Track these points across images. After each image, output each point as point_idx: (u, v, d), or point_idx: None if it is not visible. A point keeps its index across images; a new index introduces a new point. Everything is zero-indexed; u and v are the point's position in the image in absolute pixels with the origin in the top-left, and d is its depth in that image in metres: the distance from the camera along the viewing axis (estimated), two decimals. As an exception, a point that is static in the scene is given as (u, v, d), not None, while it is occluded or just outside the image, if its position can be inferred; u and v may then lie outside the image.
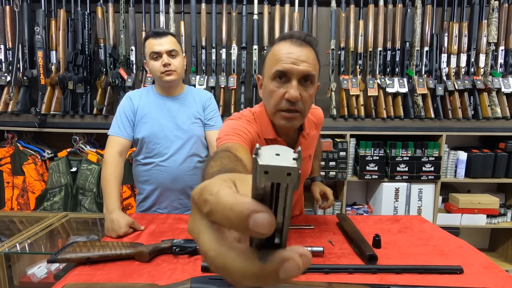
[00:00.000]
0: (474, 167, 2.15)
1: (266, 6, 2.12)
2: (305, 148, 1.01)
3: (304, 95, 0.82)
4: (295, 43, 0.81)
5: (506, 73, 2.16)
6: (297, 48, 0.80)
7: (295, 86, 0.80)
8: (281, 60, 0.80)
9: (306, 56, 0.80)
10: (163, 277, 0.78)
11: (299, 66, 0.79)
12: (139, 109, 1.30)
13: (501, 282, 0.75)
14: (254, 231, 0.20)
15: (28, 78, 2.10)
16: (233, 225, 0.20)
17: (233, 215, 0.20)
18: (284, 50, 0.81)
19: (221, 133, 0.85)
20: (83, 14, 2.11)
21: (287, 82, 0.81)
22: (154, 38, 1.26)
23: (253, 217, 0.20)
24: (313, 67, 0.82)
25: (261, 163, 0.20)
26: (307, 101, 0.83)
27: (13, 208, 2.14)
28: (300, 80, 0.81)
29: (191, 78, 2.10)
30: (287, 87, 0.81)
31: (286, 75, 0.80)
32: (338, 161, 2.11)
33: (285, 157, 0.21)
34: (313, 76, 0.82)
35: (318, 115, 1.07)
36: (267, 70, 0.85)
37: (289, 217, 0.22)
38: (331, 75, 2.17)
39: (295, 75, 0.80)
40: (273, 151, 0.22)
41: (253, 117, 0.93)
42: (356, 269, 0.78)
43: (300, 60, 0.79)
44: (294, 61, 0.79)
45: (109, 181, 1.16)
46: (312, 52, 0.83)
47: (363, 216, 1.26)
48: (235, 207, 0.20)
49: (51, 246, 1.30)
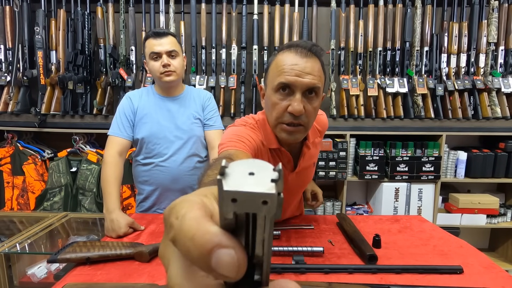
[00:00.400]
0: (474, 167, 2.15)
1: (266, 6, 2.12)
2: (308, 158, 0.98)
3: (308, 108, 0.78)
4: (300, 54, 0.78)
5: (506, 73, 2.16)
6: (301, 60, 0.77)
7: (299, 99, 0.76)
8: (285, 72, 0.77)
9: (311, 68, 0.77)
10: (163, 277, 0.78)
11: (304, 79, 0.76)
12: (139, 109, 1.30)
13: (501, 282, 0.75)
14: (217, 272, 0.16)
15: (28, 78, 2.10)
16: (194, 261, 0.16)
17: (193, 248, 0.16)
18: (288, 61, 0.77)
19: (224, 139, 0.82)
20: (83, 14, 2.11)
21: (291, 95, 0.78)
22: (154, 38, 1.25)
23: (216, 254, 0.16)
24: (318, 79, 0.78)
25: (226, 188, 0.16)
26: (311, 114, 0.80)
27: (13, 208, 2.14)
28: (304, 93, 0.78)
29: (191, 78, 2.10)
30: (291, 100, 0.77)
31: (289, 87, 0.77)
32: (338, 161, 2.11)
33: (261, 177, 0.16)
34: (318, 88, 0.78)
35: (323, 122, 1.03)
36: (270, 81, 0.81)
37: (269, 249, 0.18)
38: (331, 75, 2.17)
39: (299, 88, 0.77)
40: (246, 169, 0.17)
41: (257, 125, 0.90)
42: (356, 269, 0.78)
43: (305, 72, 0.76)
44: (299, 73, 0.76)
45: (109, 181, 1.16)
46: (317, 63, 0.79)
47: (363, 216, 1.27)
48: (196, 238, 0.16)
49: (51, 246, 1.30)
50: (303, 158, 0.95)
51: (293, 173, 0.96)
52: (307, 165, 0.99)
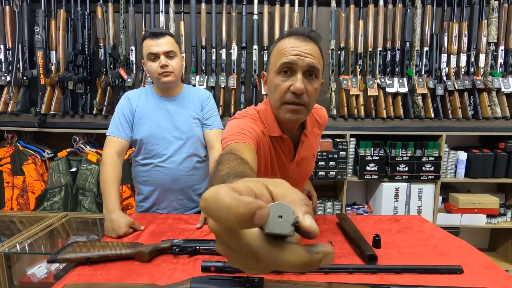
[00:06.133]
0: (474, 167, 2.15)
1: (266, 6, 2.12)
2: (308, 148, 1.01)
3: (309, 89, 0.83)
4: (300, 38, 0.82)
5: (506, 73, 2.16)
6: (302, 43, 0.82)
7: (301, 78, 0.81)
8: (286, 53, 0.81)
9: (311, 50, 0.81)
10: (163, 277, 0.78)
11: (304, 59, 0.80)
12: (138, 110, 1.30)
13: (501, 282, 0.75)
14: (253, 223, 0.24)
15: (28, 78, 2.10)
16: (232, 224, 0.24)
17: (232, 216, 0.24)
18: (289, 44, 0.82)
19: (226, 133, 0.85)
20: (83, 14, 2.11)
21: (292, 75, 0.82)
22: (152, 38, 1.24)
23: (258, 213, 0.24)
24: (318, 61, 0.83)
25: (266, 231, 0.25)
26: (312, 94, 0.84)
27: (13, 208, 2.14)
28: (305, 74, 0.82)
29: (191, 78, 2.10)
30: (293, 80, 0.82)
31: (291, 68, 0.82)
32: (338, 161, 2.11)
33: (286, 220, 0.25)
34: (318, 69, 0.83)
35: (322, 115, 1.07)
36: (272, 65, 0.86)
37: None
38: (331, 75, 2.17)
39: (300, 67, 0.81)
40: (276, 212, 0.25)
41: (258, 115, 0.93)
42: (356, 269, 0.78)
43: (305, 53, 0.81)
44: (299, 53, 0.80)
45: (108, 182, 1.15)
46: (316, 47, 0.84)
47: (363, 216, 1.26)
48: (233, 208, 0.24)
49: (51, 246, 1.29)
50: (302, 146, 0.98)
51: (293, 162, 0.98)
52: (306, 155, 1.01)
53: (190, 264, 0.84)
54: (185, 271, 0.80)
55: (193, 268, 0.82)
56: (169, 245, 0.88)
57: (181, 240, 0.90)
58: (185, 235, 1.04)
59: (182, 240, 0.89)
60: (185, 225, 1.13)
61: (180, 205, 1.36)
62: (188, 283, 0.68)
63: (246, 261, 0.27)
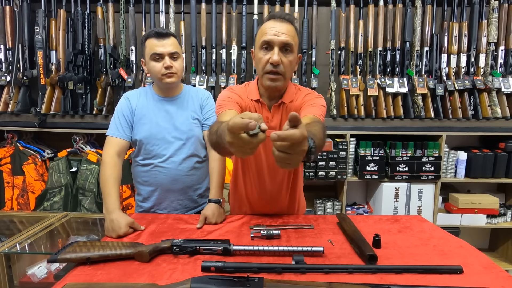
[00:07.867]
0: (474, 167, 2.15)
1: (266, 6, 2.12)
2: (285, 117, 1.12)
3: (284, 61, 1.02)
4: (277, 20, 1.02)
5: (506, 73, 2.16)
6: (278, 24, 1.01)
7: (277, 52, 1.00)
8: (266, 32, 1.01)
9: (286, 30, 1.01)
10: (163, 277, 0.78)
11: (280, 37, 1.00)
12: (137, 110, 1.30)
13: (501, 282, 0.75)
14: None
15: (28, 78, 2.11)
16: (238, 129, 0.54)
17: (237, 126, 0.54)
18: (268, 25, 1.02)
19: (216, 108, 1.10)
20: (83, 14, 2.11)
21: (271, 50, 1.01)
22: (157, 39, 1.23)
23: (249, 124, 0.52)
24: (292, 39, 1.01)
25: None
26: (287, 65, 1.03)
27: (13, 208, 2.14)
28: (282, 49, 1.01)
29: (191, 78, 2.10)
30: (271, 53, 1.01)
31: (270, 44, 1.01)
32: (338, 161, 2.11)
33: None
34: (292, 45, 1.01)
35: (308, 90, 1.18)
36: (257, 42, 1.06)
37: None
38: (331, 75, 2.17)
39: (277, 43, 1.00)
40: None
41: (244, 86, 1.17)
42: (356, 269, 0.78)
43: (281, 32, 1.00)
44: (276, 32, 1.00)
45: (108, 182, 1.15)
46: (291, 27, 1.03)
47: (363, 216, 1.27)
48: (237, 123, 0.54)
49: (51, 246, 1.29)
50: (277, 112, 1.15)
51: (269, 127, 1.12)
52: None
53: (190, 264, 0.84)
54: (185, 271, 0.80)
55: (193, 268, 0.82)
56: (169, 245, 0.88)
57: (181, 240, 0.90)
58: (185, 235, 1.04)
59: (182, 240, 0.89)
60: (185, 225, 1.14)
61: (180, 205, 1.35)
62: (188, 283, 0.68)
63: (241, 147, 0.56)
